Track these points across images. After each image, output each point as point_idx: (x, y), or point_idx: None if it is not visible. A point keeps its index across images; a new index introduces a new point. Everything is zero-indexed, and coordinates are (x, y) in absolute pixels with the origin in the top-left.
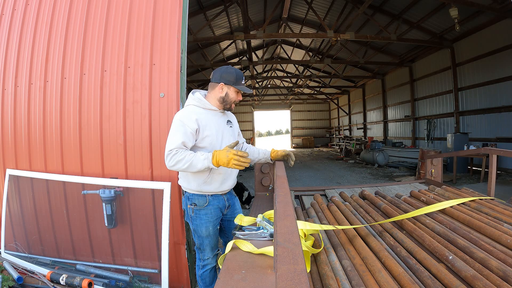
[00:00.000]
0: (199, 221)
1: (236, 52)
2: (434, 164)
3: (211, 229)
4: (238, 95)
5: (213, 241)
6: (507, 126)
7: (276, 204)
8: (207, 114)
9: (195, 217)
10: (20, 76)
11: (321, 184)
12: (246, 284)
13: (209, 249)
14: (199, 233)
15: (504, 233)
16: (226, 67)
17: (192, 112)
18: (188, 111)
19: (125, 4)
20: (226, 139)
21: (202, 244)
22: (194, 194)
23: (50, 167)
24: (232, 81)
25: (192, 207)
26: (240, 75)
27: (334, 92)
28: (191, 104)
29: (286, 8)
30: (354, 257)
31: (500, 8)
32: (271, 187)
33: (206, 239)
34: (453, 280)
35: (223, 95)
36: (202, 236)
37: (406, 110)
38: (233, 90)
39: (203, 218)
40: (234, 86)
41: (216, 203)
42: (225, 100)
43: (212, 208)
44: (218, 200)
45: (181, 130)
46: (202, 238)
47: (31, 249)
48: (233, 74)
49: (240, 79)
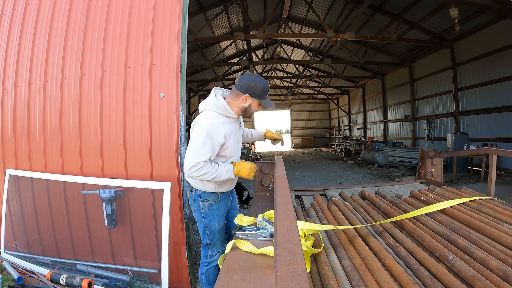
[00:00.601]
0: (212, 216)
1: (236, 52)
2: (434, 164)
3: (222, 223)
4: (259, 107)
5: (223, 235)
6: (507, 126)
7: (276, 204)
8: (230, 124)
9: (208, 213)
10: (20, 76)
11: (321, 184)
12: (246, 284)
13: (219, 243)
14: (212, 228)
15: (504, 233)
16: (255, 78)
17: (220, 124)
18: (216, 123)
19: (125, 4)
20: (240, 144)
21: (213, 239)
22: (207, 192)
23: (50, 167)
24: (258, 94)
25: (205, 203)
26: (266, 89)
27: (334, 92)
28: (216, 112)
29: (286, 8)
30: (354, 257)
31: (500, 8)
32: (271, 187)
33: (217, 233)
34: (453, 280)
35: (246, 105)
36: (214, 230)
37: (406, 110)
38: (257, 103)
39: (216, 212)
40: (259, 100)
41: (224, 198)
42: (246, 111)
43: (222, 203)
44: (225, 195)
45: (209, 143)
46: (214, 233)
47: (31, 249)
48: (260, 87)
49: (266, 93)
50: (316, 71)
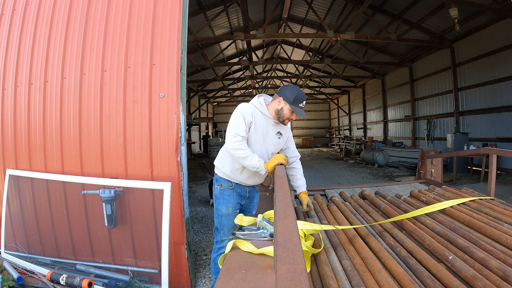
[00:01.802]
0: (222, 199)
1: (236, 52)
2: (434, 164)
3: (231, 209)
4: (292, 114)
5: (231, 223)
6: (507, 126)
7: (276, 204)
8: (261, 117)
9: (219, 196)
10: (20, 76)
11: (321, 184)
12: (246, 284)
13: (226, 229)
14: (220, 211)
15: (504, 233)
16: (293, 87)
17: (250, 107)
18: (247, 106)
19: (125, 4)
20: (270, 145)
21: (221, 223)
22: (223, 178)
23: (50, 167)
24: (290, 99)
25: (218, 187)
26: (299, 98)
27: (334, 92)
28: (252, 104)
29: (286, 8)
30: (354, 257)
31: (500, 8)
32: (271, 187)
33: (224, 218)
34: (453, 280)
35: (279, 108)
36: (221, 214)
37: (406, 110)
38: (288, 108)
39: (226, 198)
40: (289, 105)
41: (239, 190)
42: (279, 113)
43: (234, 192)
44: (241, 188)
45: (242, 118)
46: (221, 216)
47: (31, 249)
48: (294, 94)
49: (299, 101)
50: (316, 71)
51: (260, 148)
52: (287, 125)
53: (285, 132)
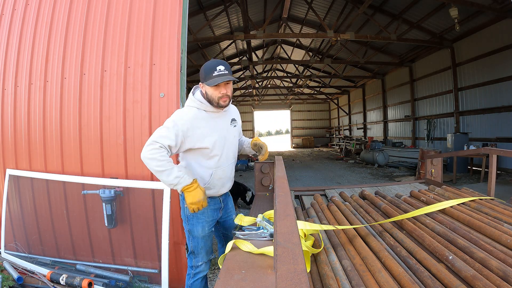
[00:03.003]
0: (196, 220)
1: (236, 52)
2: (434, 164)
3: (207, 229)
4: (219, 88)
5: (208, 244)
6: (507, 126)
7: (276, 204)
8: (210, 116)
9: (192, 217)
10: (20, 76)
11: (321, 184)
12: (246, 284)
13: (204, 252)
14: (195, 233)
15: (504, 233)
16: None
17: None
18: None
19: (125, 4)
20: (229, 142)
21: (197, 246)
22: None
23: (50, 167)
24: (204, 78)
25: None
26: (208, 68)
27: (334, 92)
28: (192, 106)
29: (286, 8)
30: (354, 257)
31: (500, 8)
32: (271, 187)
33: (201, 241)
34: (453, 280)
35: (204, 93)
36: (197, 237)
37: (406, 110)
38: (209, 87)
39: (200, 217)
40: (206, 83)
41: (213, 205)
42: (209, 99)
43: (209, 209)
44: (215, 202)
45: (173, 130)
46: (197, 239)
47: (31, 249)
48: (203, 70)
49: (211, 71)
50: (316, 71)
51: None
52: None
53: (237, 115)
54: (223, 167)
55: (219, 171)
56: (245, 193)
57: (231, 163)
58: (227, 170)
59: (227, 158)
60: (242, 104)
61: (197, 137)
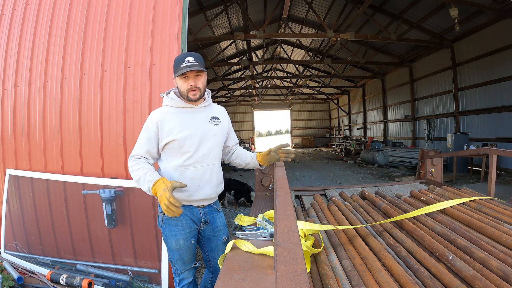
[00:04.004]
0: (169, 231)
1: (236, 52)
2: (434, 164)
3: (182, 242)
4: (187, 80)
5: (185, 255)
6: (507, 126)
7: (276, 204)
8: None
9: (165, 227)
10: (20, 76)
11: (321, 184)
12: (246, 284)
13: (180, 263)
14: (169, 244)
15: (504, 233)
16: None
17: (157, 114)
18: (153, 113)
19: (125, 4)
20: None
21: (173, 257)
22: None
23: (50, 167)
24: (174, 71)
25: (161, 214)
26: (178, 60)
27: (334, 92)
28: (165, 105)
29: (286, 8)
30: (354, 257)
31: (500, 8)
32: (271, 187)
33: (176, 253)
34: (453, 280)
35: (176, 86)
36: (171, 248)
37: (406, 110)
38: (178, 79)
39: (173, 229)
40: (176, 76)
41: (189, 215)
42: (181, 92)
43: (183, 219)
44: (192, 212)
45: (144, 135)
46: (172, 250)
47: (31, 249)
48: (174, 63)
49: (179, 64)
50: (316, 71)
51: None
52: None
53: (221, 114)
54: (196, 167)
55: (191, 169)
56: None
57: (210, 164)
58: (203, 171)
59: (204, 158)
60: (242, 104)
61: (166, 131)
